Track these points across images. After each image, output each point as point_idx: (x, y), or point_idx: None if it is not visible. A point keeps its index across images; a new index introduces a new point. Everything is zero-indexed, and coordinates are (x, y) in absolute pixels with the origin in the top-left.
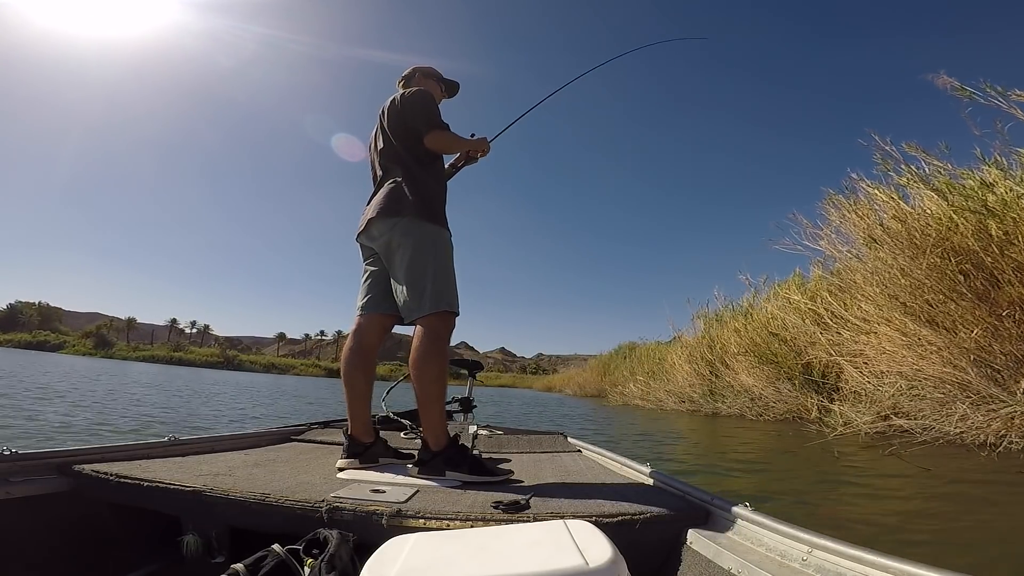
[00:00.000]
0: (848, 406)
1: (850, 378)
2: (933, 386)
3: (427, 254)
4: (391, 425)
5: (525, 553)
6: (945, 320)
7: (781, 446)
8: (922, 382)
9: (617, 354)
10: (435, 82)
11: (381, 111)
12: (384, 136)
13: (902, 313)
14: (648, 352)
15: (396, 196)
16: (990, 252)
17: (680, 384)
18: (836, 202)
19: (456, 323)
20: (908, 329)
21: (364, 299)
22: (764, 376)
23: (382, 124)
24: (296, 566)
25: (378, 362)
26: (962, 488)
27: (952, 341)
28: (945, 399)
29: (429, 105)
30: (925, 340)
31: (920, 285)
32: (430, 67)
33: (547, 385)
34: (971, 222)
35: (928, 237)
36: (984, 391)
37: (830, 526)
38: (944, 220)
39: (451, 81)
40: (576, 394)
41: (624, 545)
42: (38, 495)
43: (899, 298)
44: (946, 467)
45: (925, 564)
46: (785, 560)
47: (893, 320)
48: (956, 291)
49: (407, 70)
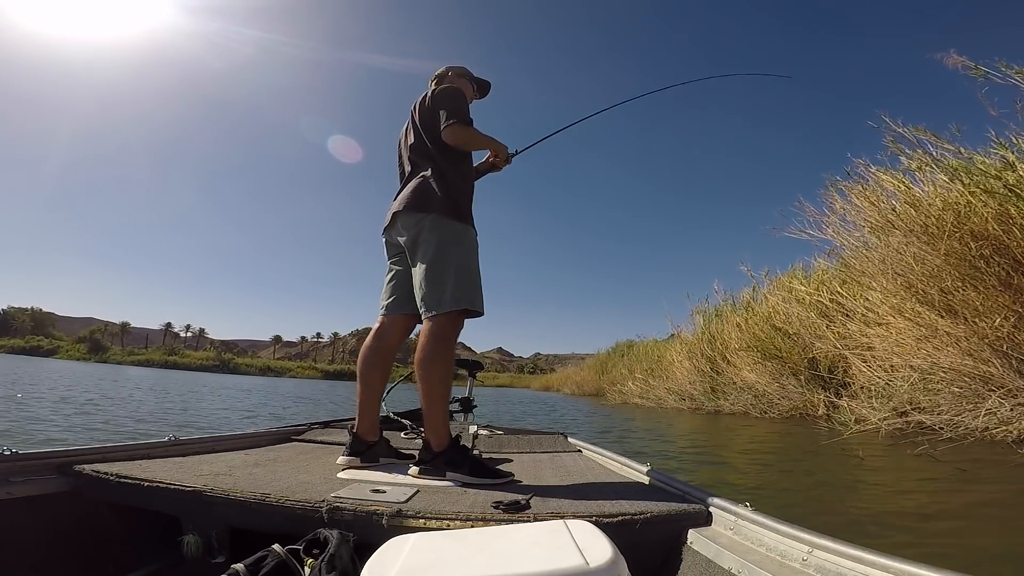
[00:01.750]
0: (858, 402)
1: (859, 372)
2: (951, 379)
3: (451, 252)
4: (392, 425)
5: (525, 553)
6: (964, 309)
7: (795, 446)
8: (938, 375)
9: (615, 352)
10: (467, 81)
11: (413, 107)
12: (415, 131)
13: (917, 302)
14: (646, 350)
15: (424, 192)
16: (1013, 236)
17: (680, 382)
18: (843, 188)
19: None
20: (923, 319)
21: (389, 300)
22: (768, 372)
23: (413, 119)
24: (296, 566)
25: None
26: (1012, 494)
27: (972, 331)
28: (964, 393)
29: (456, 100)
30: (942, 330)
31: (936, 273)
32: (462, 67)
33: (545, 384)
34: (991, 205)
35: (945, 222)
36: (1010, 384)
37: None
38: (962, 204)
39: (483, 81)
40: (574, 393)
41: (624, 545)
42: (38, 495)
43: (914, 286)
44: (985, 468)
45: (925, 564)
46: (785, 560)
47: (906, 310)
48: (976, 278)
49: (440, 69)
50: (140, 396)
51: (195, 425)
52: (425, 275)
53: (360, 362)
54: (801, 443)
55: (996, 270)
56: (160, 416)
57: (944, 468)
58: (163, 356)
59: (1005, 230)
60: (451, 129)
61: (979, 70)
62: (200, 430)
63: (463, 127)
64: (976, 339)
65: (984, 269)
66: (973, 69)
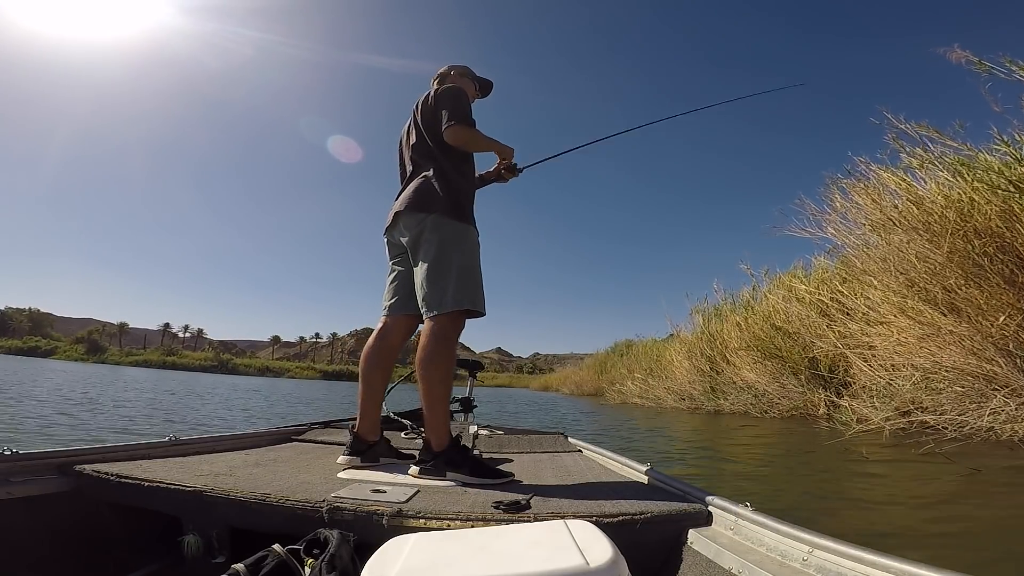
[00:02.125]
0: (860, 402)
1: (860, 372)
2: (954, 378)
3: (453, 252)
4: (392, 425)
5: (526, 553)
6: (968, 307)
7: (796, 445)
8: (940, 374)
9: (613, 352)
10: (469, 80)
11: (415, 106)
12: (417, 131)
13: (919, 300)
14: (645, 349)
15: (426, 192)
16: (1017, 233)
17: (680, 381)
18: (843, 186)
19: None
20: (926, 318)
21: (391, 300)
22: (768, 372)
23: (415, 119)
24: (296, 566)
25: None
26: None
27: (976, 329)
28: (968, 392)
29: (459, 100)
30: (945, 329)
31: (939, 271)
32: (465, 66)
33: (544, 384)
34: (995, 202)
35: (947, 220)
36: (1015, 383)
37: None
38: (965, 201)
39: (485, 80)
40: (573, 393)
41: (624, 545)
42: (39, 495)
43: (917, 284)
44: (998, 468)
45: (925, 564)
46: (786, 560)
47: (908, 308)
48: (980, 276)
49: (442, 68)
50: (130, 397)
51: (188, 423)
52: (427, 275)
53: (362, 362)
54: (803, 443)
55: (1000, 268)
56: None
57: (955, 468)
58: (161, 357)
59: (1009, 227)
60: (453, 130)
61: (983, 65)
62: (195, 429)
63: (465, 128)
64: (980, 338)
65: (988, 267)
66: (976, 64)
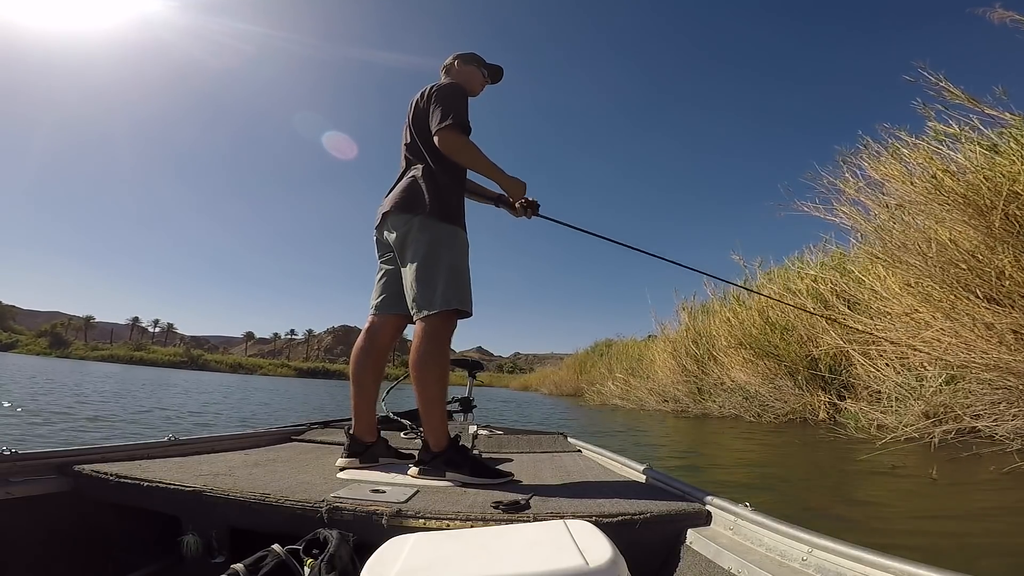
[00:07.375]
0: (871, 406)
1: (870, 372)
2: (990, 378)
3: (442, 252)
4: (391, 425)
5: (525, 553)
6: (1018, 294)
7: (810, 458)
8: (975, 373)
9: (594, 351)
10: (475, 67)
11: (411, 103)
12: (408, 130)
13: (949, 289)
14: (626, 349)
15: (412, 192)
16: None
17: (663, 382)
18: (860, 160)
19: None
20: (957, 308)
21: (379, 299)
22: (761, 372)
23: (408, 116)
24: (296, 566)
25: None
26: None
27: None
28: (1007, 395)
29: (455, 99)
30: (981, 321)
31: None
32: (471, 52)
33: (523, 384)
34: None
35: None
36: None
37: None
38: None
39: (494, 66)
40: (552, 393)
41: (624, 545)
42: (38, 495)
43: (948, 270)
44: None
45: (925, 564)
46: (785, 560)
47: (934, 297)
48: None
49: (448, 59)
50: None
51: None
52: (416, 276)
53: (352, 363)
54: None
55: None
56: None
57: None
58: (129, 352)
59: None
60: (443, 133)
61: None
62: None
63: (457, 134)
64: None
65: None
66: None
